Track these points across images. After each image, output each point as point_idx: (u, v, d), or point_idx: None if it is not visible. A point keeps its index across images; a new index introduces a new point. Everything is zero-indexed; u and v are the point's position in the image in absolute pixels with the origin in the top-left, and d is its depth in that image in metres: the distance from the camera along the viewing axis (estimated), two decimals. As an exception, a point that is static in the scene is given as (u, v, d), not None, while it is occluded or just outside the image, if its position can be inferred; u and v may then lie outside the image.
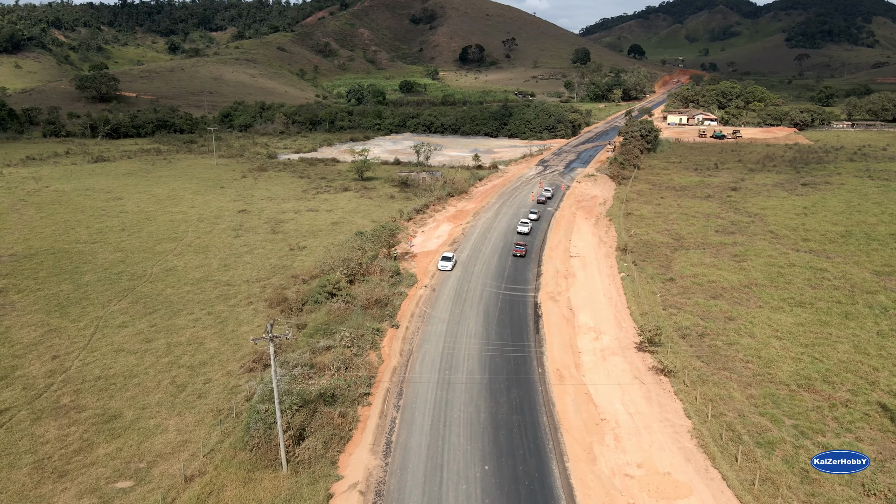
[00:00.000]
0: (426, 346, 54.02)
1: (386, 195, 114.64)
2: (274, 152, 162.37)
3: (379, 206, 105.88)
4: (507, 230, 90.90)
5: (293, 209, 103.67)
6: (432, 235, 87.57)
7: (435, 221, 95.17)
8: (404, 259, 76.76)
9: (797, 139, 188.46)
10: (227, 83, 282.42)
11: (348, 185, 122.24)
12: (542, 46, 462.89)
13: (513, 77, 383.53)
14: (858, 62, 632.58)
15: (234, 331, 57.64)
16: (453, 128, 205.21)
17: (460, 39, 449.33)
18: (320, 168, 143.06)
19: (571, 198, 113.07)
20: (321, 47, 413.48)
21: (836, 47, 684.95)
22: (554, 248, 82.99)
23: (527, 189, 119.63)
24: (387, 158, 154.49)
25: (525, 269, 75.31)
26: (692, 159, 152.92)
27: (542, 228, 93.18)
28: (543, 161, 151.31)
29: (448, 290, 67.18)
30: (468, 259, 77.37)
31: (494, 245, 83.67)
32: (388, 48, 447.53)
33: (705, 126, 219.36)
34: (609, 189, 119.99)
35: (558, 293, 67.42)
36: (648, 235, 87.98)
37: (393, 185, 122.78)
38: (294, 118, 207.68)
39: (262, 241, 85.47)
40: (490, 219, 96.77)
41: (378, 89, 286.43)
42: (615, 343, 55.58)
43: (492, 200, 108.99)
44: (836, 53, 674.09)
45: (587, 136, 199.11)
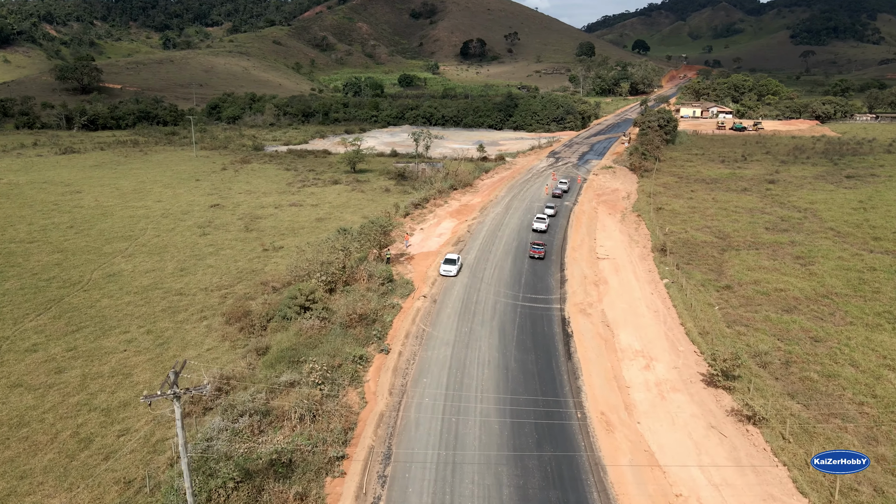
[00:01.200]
0: (425, 381, 40.32)
1: (380, 188, 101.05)
2: (261, 144, 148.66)
3: (372, 201, 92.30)
4: (521, 227, 77.25)
5: (273, 204, 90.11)
6: (433, 233, 73.91)
7: (436, 217, 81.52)
8: (399, 262, 63.09)
9: (822, 131, 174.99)
10: (218, 76, 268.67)
11: (339, 178, 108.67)
12: (545, 41, 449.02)
13: (515, 71, 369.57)
14: (865, 59, 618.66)
15: (177, 356, 44.00)
16: (455, 120, 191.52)
17: (461, 34, 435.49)
18: (310, 160, 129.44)
19: (590, 191, 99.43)
20: (318, 41, 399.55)
21: (842, 44, 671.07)
22: (577, 249, 69.33)
23: (539, 182, 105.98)
24: (383, 150, 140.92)
25: (546, 273, 61.61)
26: (715, 151, 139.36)
27: (561, 225, 79.54)
28: (554, 153, 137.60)
29: (453, 301, 53.47)
30: (476, 262, 63.68)
31: (507, 245, 69.98)
32: (387, 43, 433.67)
33: (721, 118, 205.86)
34: (631, 182, 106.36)
35: (589, 305, 53.76)
36: (687, 233, 74.34)
37: (389, 177, 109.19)
38: (285, 110, 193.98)
39: (231, 241, 71.85)
40: (500, 214, 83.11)
41: (376, 82, 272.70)
42: (674, 374, 41.87)
43: (500, 194, 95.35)
44: (842, 50, 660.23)
45: (597, 128, 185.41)
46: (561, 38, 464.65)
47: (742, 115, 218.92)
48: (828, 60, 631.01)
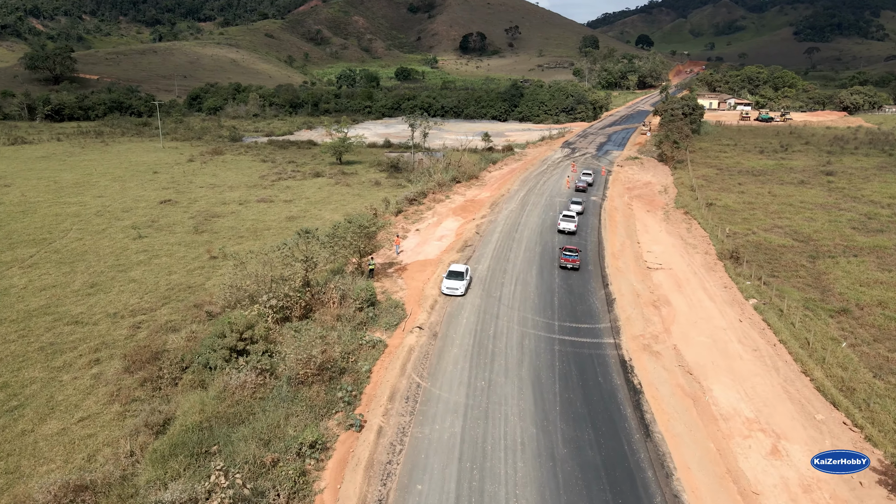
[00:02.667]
0: (419, 488, 23.66)
1: (369, 182, 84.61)
2: (239, 134, 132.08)
3: (358, 196, 75.87)
4: (543, 227, 60.72)
5: (239, 199, 73.62)
6: (432, 235, 57.37)
7: (436, 215, 64.99)
8: (386, 274, 46.56)
9: (855, 122, 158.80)
10: (204, 68, 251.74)
11: (321, 170, 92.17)
12: (547, 35, 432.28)
13: (517, 65, 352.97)
14: (871, 55, 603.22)
15: (29, 434, 27.61)
16: (455, 111, 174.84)
17: (460, 28, 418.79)
18: (291, 151, 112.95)
19: (618, 184, 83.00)
20: (312, 35, 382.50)
21: (846, 41, 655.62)
22: (619, 256, 52.85)
23: (557, 174, 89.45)
24: (376, 141, 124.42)
25: (585, 290, 45.07)
26: (748, 141, 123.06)
27: (592, 225, 63.08)
28: (569, 143, 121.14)
29: (461, 334, 36.87)
30: (491, 275, 47.12)
31: (528, 251, 53.41)
32: (384, 37, 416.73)
33: (738, 110, 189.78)
34: (663, 174, 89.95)
35: (654, 337, 37.30)
36: (756, 235, 57.97)
37: (380, 169, 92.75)
38: (271, 100, 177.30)
39: (172, 245, 55.29)
40: (514, 211, 66.53)
41: (371, 74, 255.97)
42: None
43: (513, 187, 78.76)
44: (847, 47, 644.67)
45: (610, 119, 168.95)
46: (563, 33, 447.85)
47: (762, 107, 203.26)
48: (832, 57, 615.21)
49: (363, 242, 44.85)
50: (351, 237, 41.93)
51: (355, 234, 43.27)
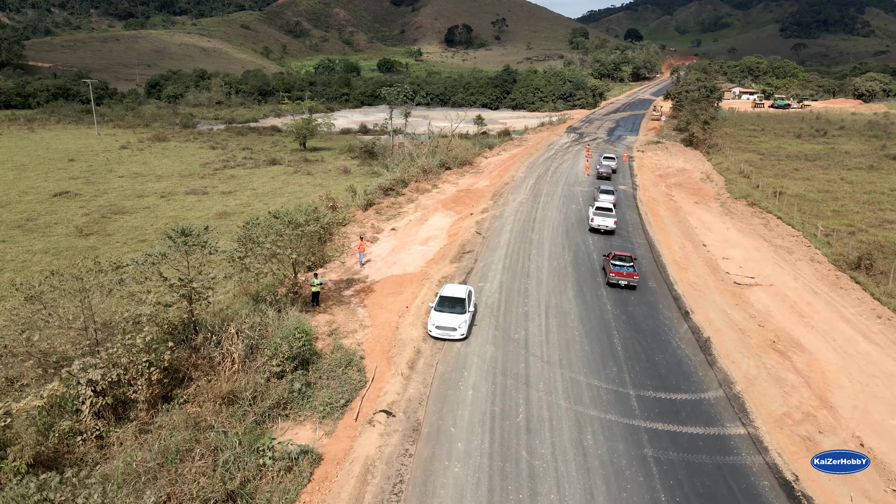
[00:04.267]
0: None
1: (337, 170, 67.10)
2: (193, 121, 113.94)
3: (319, 186, 58.34)
4: (568, 224, 43.41)
5: (163, 191, 55.85)
6: (414, 237, 39.89)
7: (419, 209, 47.52)
8: (340, 299, 29.01)
9: (879, 108, 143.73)
10: (171, 57, 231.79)
11: (280, 158, 74.52)
12: (535, 28, 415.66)
13: (504, 58, 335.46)
14: (857, 51, 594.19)
15: None
16: (441, 98, 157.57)
17: (445, 20, 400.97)
18: (250, 138, 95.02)
19: (646, 171, 66.10)
20: (291, 27, 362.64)
21: (833, 37, 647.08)
22: (685, 264, 35.81)
23: (569, 159, 72.29)
24: (350, 127, 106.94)
25: (656, 323, 27.74)
26: (776, 127, 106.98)
27: (632, 221, 45.88)
28: (574, 128, 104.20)
29: (465, 430, 19.22)
30: (506, 299, 29.61)
31: (555, 258, 35.97)
32: (366, 29, 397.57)
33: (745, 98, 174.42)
34: (697, 159, 73.27)
35: (812, 421, 20.24)
36: (868, 233, 41.34)
37: (352, 156, 75.28)
38: (238, 87, 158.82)
39: (34, 255, 37.53)
40: (525, 203, 49.10)
41: (351, 64, 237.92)
42: None
43: (519, 174, 61.33)
44: (833, 43, 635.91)
45: (611, 107, 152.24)
46: (551, 26, 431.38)
47: (769, 95, 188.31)
48: (819, 53, 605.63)
49: (307, 249, 27.43)
50: (272, 243, 24.38)
51: (292, 239, 25.83)
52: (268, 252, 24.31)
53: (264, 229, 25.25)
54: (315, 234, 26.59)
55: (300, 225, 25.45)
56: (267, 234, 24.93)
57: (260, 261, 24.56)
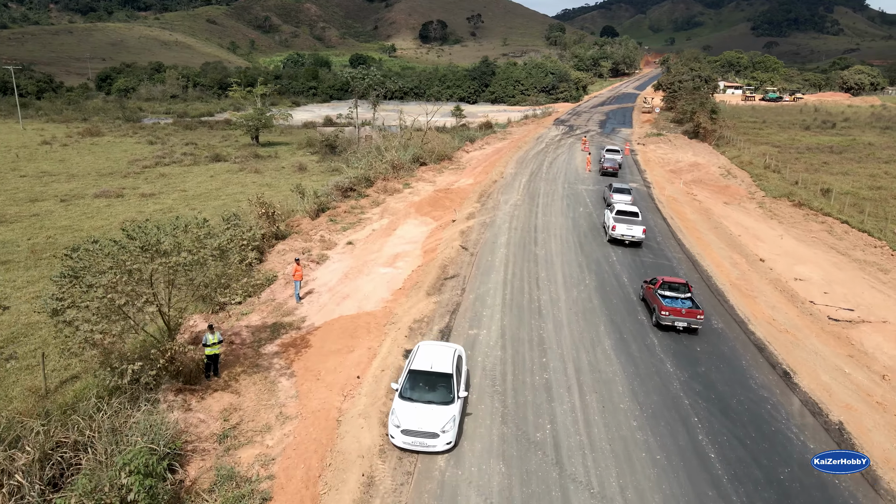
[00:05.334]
0: None
1: (292, 166, 56.10)
2: (140, 115, 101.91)
3: (267, 186, 47.45)
4: (580, 233, 32.91)
5: (69, 193, 44.49)
6: (376, 255, 29.26)
7: (386, 215, 36.87)
8: (255, 363, 18.43)
9: (873, 101, 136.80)
10: (128, 50, 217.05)
11: (225, 153, 63.27)
12: (511, 25, 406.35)
13: (480, 54, 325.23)
14: (828, 49, 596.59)
15: None
16: (416, 92, 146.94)
17: (419, 16, 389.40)
18: (199, 132, 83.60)
19: (654, 166, 56.31)
20: (260, 22, 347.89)
21: (803, 35, 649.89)
22: (747, 289, 25.77)
23: (563, 153, 62.05)
24: (314, 120, 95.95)
25: (748, 396, 17.51)
26: (777, 119, 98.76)
27: (658, 228, 35.58)
28: (561, 121, 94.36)
29: None
30: (513, 358, 19.12)
31: (573, 285, 25.43)
32: (338, 25, 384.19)
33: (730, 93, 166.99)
34: (708, 152, 63.73)
35: None
36: (969, 243, 31.86)
37: (311, 151, 64.37)
38: (196, 80, 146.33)
39: None
40: (521, 206, 38.58)
41: (321, 58, 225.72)
42: None
43: (508, 170, 50.86)
44: (803, 41, 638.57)
45: (596, 100, 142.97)
46: (527, 22, 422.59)
47: (755, 90, 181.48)
48: (790, 51, 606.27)
49: (186, 288, 16.73)
50: (109, 286, 13.64)
51: (144, 274, 15.12)
52: (103, 301, 13.54)
53: (106, 257, 14.50)
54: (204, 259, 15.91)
55: (165, 253, 14.82)
56: (109, 268, 14.17)
57: (94, 313, 13.79)
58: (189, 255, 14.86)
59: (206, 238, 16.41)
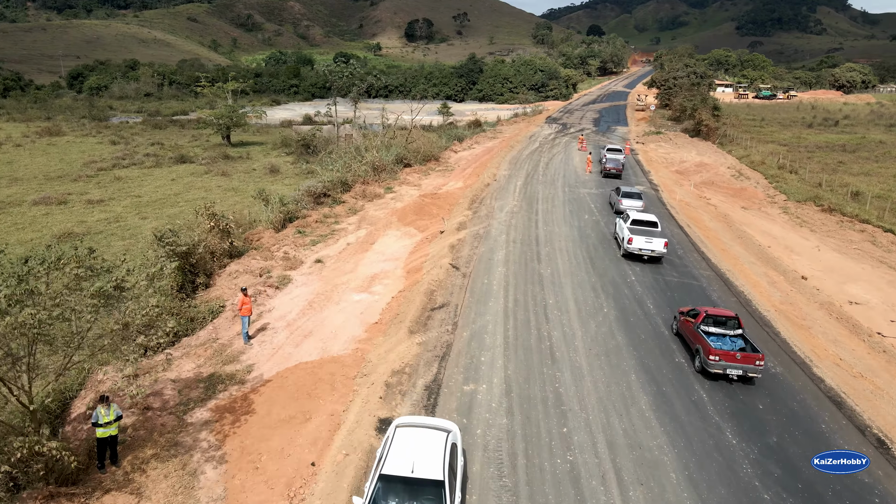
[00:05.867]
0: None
1: (264, 168, 50.93)
2: (109, 114, 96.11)
3: (233, 190, 42.37)
4: (589, 247, 28.12)
5: (5, 199, 39.10)
6: (348, 276, 24.34)
7: (364, 224, 31.95)
8: (173, 440, 13.53)
9: (867, 99, 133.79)
10: (104, 48, 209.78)
11: (193, 154, 57.94)
12: (497, 23, 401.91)
13: (466, 53, 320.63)
14: (812, 49, 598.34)
15: None
16: (401, 90, 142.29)
17: (405, 15, 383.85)
18: (169, 132, 78.05)
19: (658, 166, 51.78)
20: (243, 20, 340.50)
21: (787, 35, 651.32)
22: (796, 315, 21.19)
23: (558, 152, 57.28)
24: (292, 118, 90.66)
25: (840, 483, 13.25)
26: (775, 117, 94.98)
27: (677, 239, 31.12)
28: (554, 119, 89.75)
29: None
30: (522, 429, 14.21)
31: (589, 315, 20.70)
32: (322, 24, 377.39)
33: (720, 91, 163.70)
34: (713, 152, 59.34)
35: None
36: None
37: (286, 151, 59.18)
38: (172, 78, 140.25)
39: None
40: (518, 214, 33.67)
41: (304, 56, 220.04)
42: None
43: (500, 172, 46.02)
44: (787, 41, 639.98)
45: (587, 98, 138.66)
46: (514, 21, 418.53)
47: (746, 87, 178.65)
48: (775, 51, 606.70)
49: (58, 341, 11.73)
50: None
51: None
52: None
53: None
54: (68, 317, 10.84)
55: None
56: None
57: None
58: (42, 311, 9.95)
59: (93, 276, 11.46)
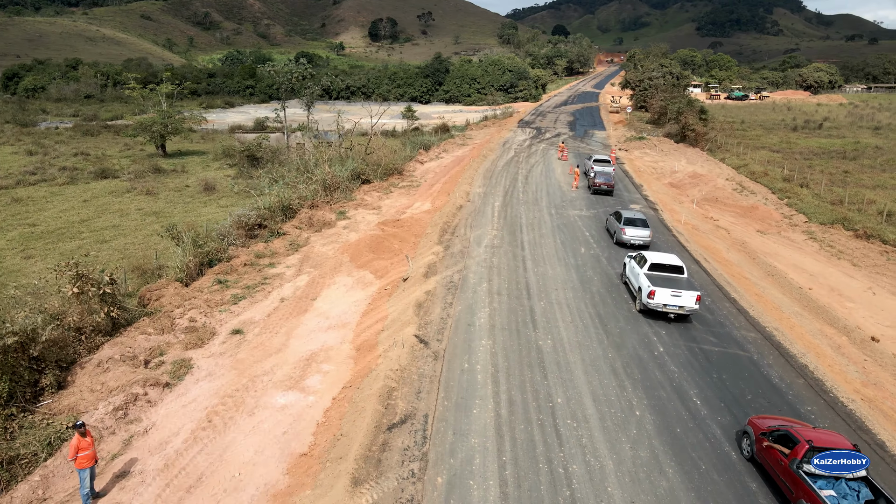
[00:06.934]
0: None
1: (199, 184, 43.31)
2: (36, 119, 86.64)
3: (155, 215, 34.85)
4: (594, 298, 21.78)
5: None
6: (274, 361, 17.50)
7: (307, 266, 25.07)
8: None
9: (838, 99, 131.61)
10: (48, 47, 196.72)
11: (117, 168, 49.91)
12: (462, 23, 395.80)
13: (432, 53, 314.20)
14: (769, 49, 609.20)
15: None
16: (364, 91, 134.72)
17: (369, 14, 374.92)
18: (101, 139, 69.26)
19: (647, 177, 45.85)
20: (200, 18, 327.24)
21: (746, 36, 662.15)
22: (886, 402, 15.36)
23: (537, 162, 50.81)
24: (245, 124, 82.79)
25: None
26: (758, 118, 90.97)
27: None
28: (526, 122, 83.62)
29: None
30: None
31: (619, 428, 14.26)
32: (283, 22, 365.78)
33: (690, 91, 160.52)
34: (703, 160, 53.82)
35: None
36: None
37: (229, 162, 51.51)
38: (117, 79, 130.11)
39: None
40: (500, 247, 27.32)
41: (263, 56, 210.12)
42: None
43: (475, 189, 39.44)
44: (746, 41, 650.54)
45: (558, 99, 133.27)
46: (479, 21, 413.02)
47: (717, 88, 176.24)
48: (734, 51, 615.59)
49: None
50: None
51: None
52: None
53: None
54: None
55: None
56: None
57: None
58: None
59: None
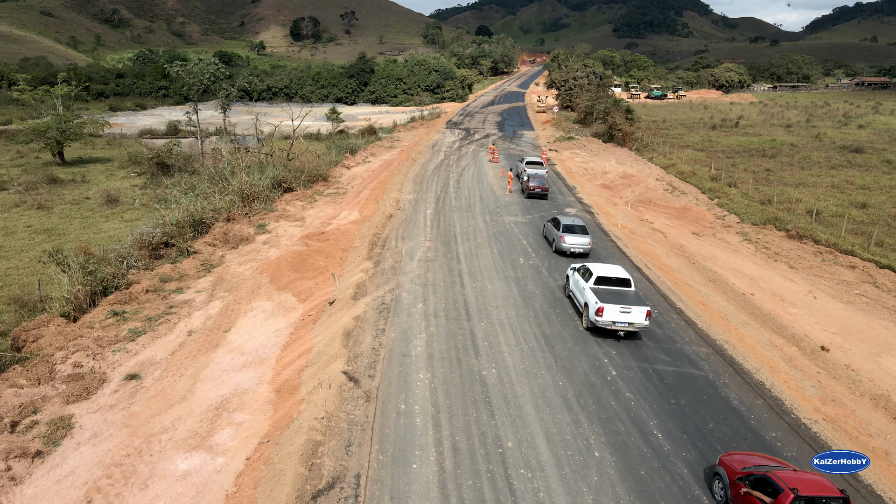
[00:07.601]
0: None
1: (101, 197, 39.05)
2: (-85, 125, 77.87)
3: (48, 233, 30.75)
4: (540, 318, 20.13)
5: None
6: (175, 413, 14.70)
7: (220, 290, 22.24)
8: None
9: (748, 98, 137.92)
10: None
11: (5, 178, 44.56)
12: (386, 23, 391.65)
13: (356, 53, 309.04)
14: (681, 50, 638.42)
15: None
16: (286, 92, 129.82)
17: (290, 13, 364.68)
18: (-10, 147, 62.62)
19: (579, 178, 45.12)
20: (107, 15, 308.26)
21: (658, 37, 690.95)
22: (855, 431, 14.41)
23: (468, 164, 49.12)
24: (157, 128, 77.35)
25: None
26: (677, 117, 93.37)
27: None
28: (455, 123, 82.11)
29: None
30: None
31: (583, 484, 12.93)
32: (200, 21, 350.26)
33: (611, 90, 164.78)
34: (632, 160, 53.80)
35: None
36: None
37: (137, 171, 47.09)
38: (12, 79, 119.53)
39: None
40: (435, 262, 25.41)
41: (178, 55, 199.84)
42: None
43: (405, 195, 37.28)
44: (659, 43, 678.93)
45: (485, 99, 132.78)
46: (402, 20, 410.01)
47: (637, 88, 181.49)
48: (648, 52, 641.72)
49: None
50: None
51: None
52: None
53: None
54: None
55: None
56: None
57: None
58: None
59: None
